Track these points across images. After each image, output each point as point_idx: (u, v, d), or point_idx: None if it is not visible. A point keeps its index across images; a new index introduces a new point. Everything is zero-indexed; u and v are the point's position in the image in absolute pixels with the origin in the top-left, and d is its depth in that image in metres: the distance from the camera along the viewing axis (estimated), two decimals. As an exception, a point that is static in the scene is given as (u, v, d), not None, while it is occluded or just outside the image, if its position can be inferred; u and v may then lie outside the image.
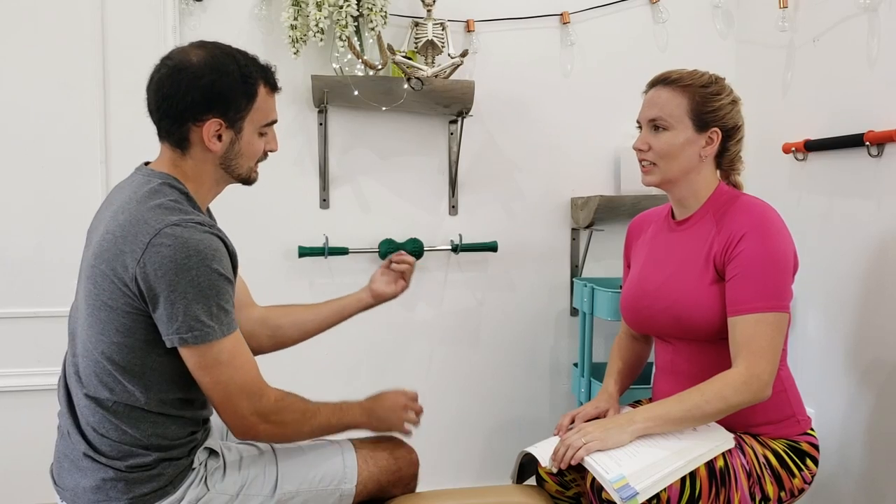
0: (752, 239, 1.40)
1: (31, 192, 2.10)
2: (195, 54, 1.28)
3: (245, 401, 1.26)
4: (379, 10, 2.11)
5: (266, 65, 1.35)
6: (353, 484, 1.41)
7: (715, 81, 1.52)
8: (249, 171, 1.38)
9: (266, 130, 1.38)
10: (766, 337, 1.37)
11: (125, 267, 1.19)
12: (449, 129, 2.39)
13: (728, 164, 1.57)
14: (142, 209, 1.22)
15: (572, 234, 2.49)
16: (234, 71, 1.28)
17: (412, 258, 1.72)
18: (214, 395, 1.25)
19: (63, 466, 1.30)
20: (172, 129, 1.30)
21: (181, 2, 2.16)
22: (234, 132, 1.31)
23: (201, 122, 1.27)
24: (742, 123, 1.55)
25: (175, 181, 1.29)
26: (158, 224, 1.19)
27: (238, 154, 1.33)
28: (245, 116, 1.31)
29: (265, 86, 1.34)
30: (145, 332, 1.22)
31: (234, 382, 1.24)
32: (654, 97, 1.52)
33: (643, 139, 1.53)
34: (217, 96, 1.27)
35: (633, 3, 2.45)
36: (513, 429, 2.51)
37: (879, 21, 1.85)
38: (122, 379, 1.23)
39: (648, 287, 1.57)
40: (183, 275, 1.17)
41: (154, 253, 1.17)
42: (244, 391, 1.25)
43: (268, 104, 1.35)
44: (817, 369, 2.05)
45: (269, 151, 1.41)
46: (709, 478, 1.35)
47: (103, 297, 1.21)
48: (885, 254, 1.83)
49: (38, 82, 2.09)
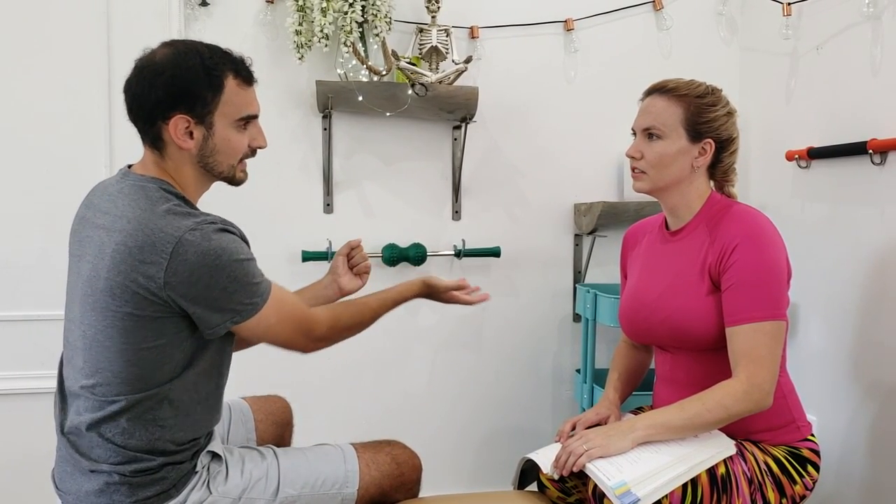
0: (746, 249, 1.40)
1: (35, 196, 2.11)
2: (159, 52, 1.27)
3: (301, 338, 1.35)
4: (383, 17, 2.12)
5: (238, 57, 1.32)
6: (355, 488, 1.41)
7: (711, 92, 1.51)
8: (231, 169, 1.34)
9: (246, 125, 1.33)
10: (764, 346, 1.37)
11: (149, 277, 1.18)
12: (453, 135, 2.40)
13: (721, 176, 1.56)
14: (151, 217, 1.21)
15: (575, 240, 2.49)
16: (196, 64, 1.25)
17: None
18: (276, 345, 1.34)
19: (65, 471, 1.29)
20: (146, 130, 1.29)
21: (186, 7, 2.18)
22: (204, 128, 1.28)
23: (169, 119, 1.26)
24: (737, 136, 1.54)
25: (166, 184, 1.28)
26: (176, 231, 1.18)
27: (214, 151, 1.30)
28: (214, 110, 1.27)
29: (235, 78, 1.29)
30: (177, 328, 1.24)
31: (285, 333, 1.32)
32: (650, 105, 1.52)
33: (636, 147, 1.53)
34: (180, 91, 1.25)
35: (636, 11, 2.46)
36: (514, 435, 2.51)
37: (883, 29, 1.86)
38: (151, 380, 1.23)
39: (645, 299, 1.57)
40: (217, 274, 1.20)
41: (181, 262, 1.17)
42: (298, 332, 1.34)
43: (241, 97, 1.30)
44: (820, 376, 2.05)
45: (256, 148, 1.37)
46: (710, 484, 1.35)
47: (126, 308, 1.20)
48: (887, 261, 1.83)
49: (43, 87, 2.10)
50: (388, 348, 2.40)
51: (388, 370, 2.41)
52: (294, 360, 2.25)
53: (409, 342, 2.43)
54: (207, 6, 2.20)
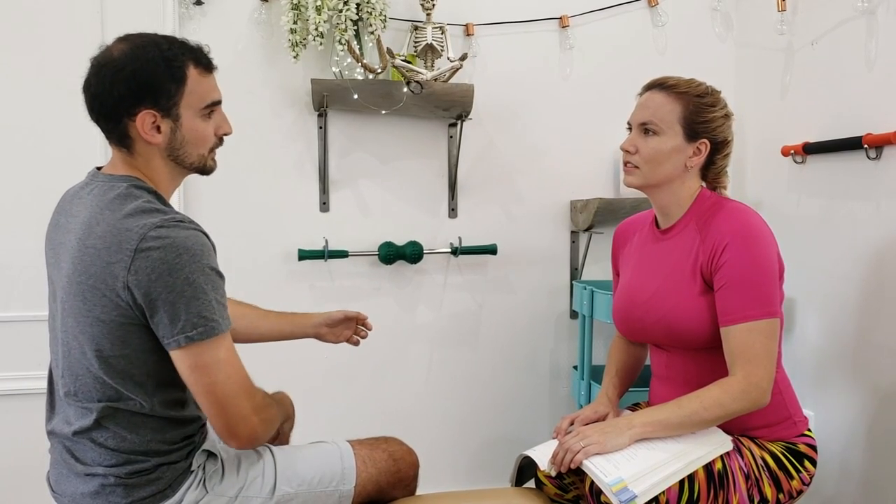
0: (736, 248, 1.40)
1: (29, 196, 2.10)
2: (116, 48, 1.25)
3: (245, 400, 1.22)
4: (378, 14, 2.11)
5: (196, 45, 1.30)
6: (352, 485, 1.41)
7: (710, 93, 1.51)
8: (201, 158, 1.33)
9: (211, 113, 1.32)
10: (760, 344, 1.37)
11: (114, 277, 1.16)
12: (448, 133, 2.40)
13: (713, 178, 1.56)
14: (118, 216, 1.19)
15: (572, 236, 2.49)
16: (155, 57, 1.23)
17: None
18: (214, 398, 1.19)
19: (60, 473, 1.29)
20: (111, 129, 1.26)
21: (181, 6, 2.17)
22: (171, 120, 1.26)
23: (135, 115, 1.23)
24: (732, 139, 1.55)
25: (139, 181, 1.26)
26: (141, 229, 1.16)
27: (183, 142, 1.29)
28: (179, 102, 1.25)
29: (196, 66, 1.27)
30: (141, 340, 1.21)
31: (233, 381, 1.20)
32: (648, 100, 1.52)
33: (631, 140, 1.53)
34: (143, 86, 1.22)
35: (631, 7, 2.46)
36: (512, 431, 2.51)
37: (877, 24, 1.86)
38: (124, 389, 1.22)
39: (638, 299, 1.57)
40: (177, 274, 1.15)
41: (144, 258, 1.15)
42: (242, 389, 1.22)
43: (203, 85, 1.29)
44: (816, 372, 2.05)
45: (223, 136, 1.36)
46: (707, 480, 1.35)
47: (95, 312, 1.19)
48: (883, 256, 1.83)
49: (37, 87, 2.09)
50: (384, 346, 2.39)
51: (384, 368, 2.41)
52: (289, 359, 2.27)
53: (405, 340, 2.43)
54: (202, 5, 2.20)
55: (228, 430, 1.22)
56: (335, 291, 2.36)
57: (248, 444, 1.27)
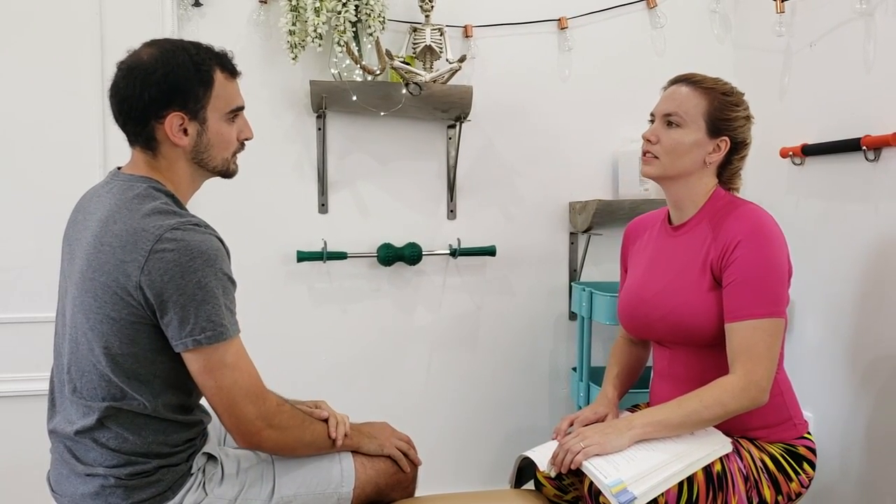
0: (748, 246, 1.41)
1: (29, 198, 2.10)
2: (146, 52, 1.28)
3: (250, 405, 1.25)
4: (377, 16, 2.11)
5: (221, 51, 1.34)
6: (351, 487, 1.41)
7: (735, 93, 1.53)
8: (225, 162, 1.36)
9: (234, 118, 1.35)
10: (763, 343, 1.37)
11: (127, 276, 1.18)
12: (447, 134, 2.40)
13: (728, 179, 1.58)
14: (136, 216, 1.21)
15: (570, 238, 2.49)
16: (185, 61, 1.26)
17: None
18: (220, 400, 1.23)
19: (61, 474, 1.29)
20: (138, 131, 1.29)
21: (180, 7, 2.17)
22: (198, 123, 1.29)
23: (163, 118, 1.26)
24: (750, 142, 1.56)
25: (158, 184, 1.29)
26: (158, 230, 1.18)
27: (208, 146, 1.32)
28: (206, 105, 1.29)
29: (222, 72, 1.31)
30: (150, 340, 1.22)
31: (239, 386, 1.24)
32: (674, 92, 1.53)
33: (654, 130, 1.54)
34: (173, 89, 1.25)
35: (630, 8, 2.46)
36: (511, 433, 2.51)
37: (876, 26, 1.86)
38: (128, 388, 1.23)
39: (646, 294, 1.57)
40: (190, 277, 1.17)
41: (158, 259, 1.17)
42: (249, 395, 1.25)
43: (228, 90, 1.33)
44: (816, 373, 2.05)
45: (244, 140, 1.39)
46: (706, 482, 1.36)
47: (105, 309, 1.20)
48: (882, 257, 1.83)
49: (36, 89, 2.09)
50: (383, 347, 2.40)
51: (383, 369, 2.41)
52: (291, 361, 2.26)
53: (404, 341, 2.42)
54: (200, 7, 2.20)
55: (232, 430, 1.27)
56: (334, 293, 2.36)
57: (250, 447, 1.32)
